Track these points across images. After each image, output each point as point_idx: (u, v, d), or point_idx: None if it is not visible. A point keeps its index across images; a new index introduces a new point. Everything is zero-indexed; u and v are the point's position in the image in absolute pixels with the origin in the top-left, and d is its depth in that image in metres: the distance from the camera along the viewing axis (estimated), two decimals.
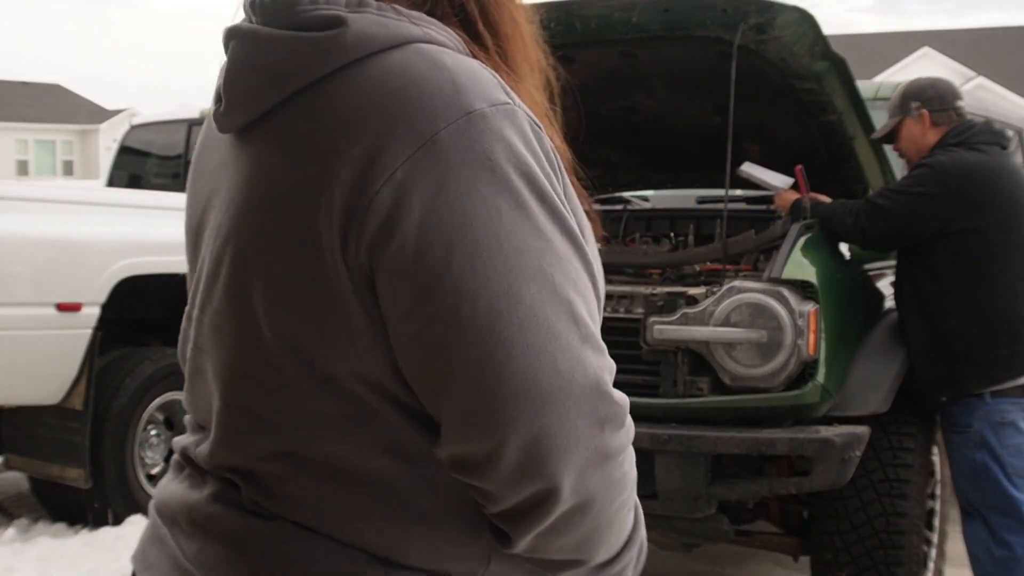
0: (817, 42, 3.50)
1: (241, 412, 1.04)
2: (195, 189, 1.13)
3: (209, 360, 1.07)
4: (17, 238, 4.81)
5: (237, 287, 1.02)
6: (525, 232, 0.92)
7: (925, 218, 3.44)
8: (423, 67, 0.94)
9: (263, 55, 0.98)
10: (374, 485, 1.00)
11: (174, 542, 1.09)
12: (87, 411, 4.92)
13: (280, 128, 0.98)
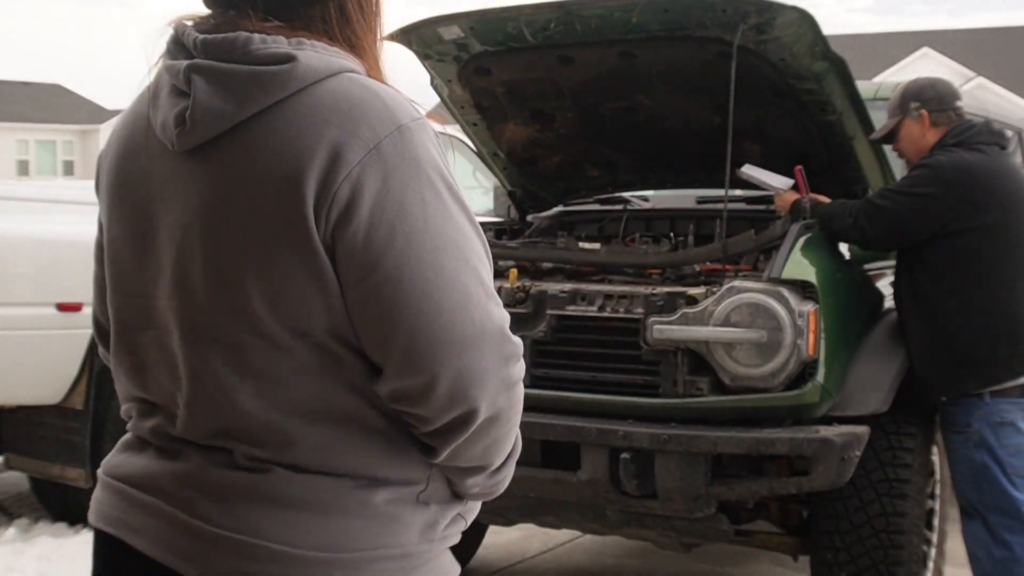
0: (817, 42, 3.51)
1: (229, 380, 1.26)
2: (124, 196, 1.35)
3: (182, 340, 1.28)
4: (18, 238, 4.82)
5: (225, 273, 1.24)
6: (444, 218, 1.24)
7: (925, 218, 3.44)
8: (358, 91, 1.24)
9: (226, 86, 1.23)
10: (347, 420, 1.27)
11: (175, 507, 1.28)
12: (87, 411, 4.92)
13: (244, 142, 1.23)
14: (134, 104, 1.39)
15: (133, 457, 1.38)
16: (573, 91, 4.15)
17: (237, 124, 1.24)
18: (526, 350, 3.59)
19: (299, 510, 1.26)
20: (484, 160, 4.78)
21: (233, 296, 1.25)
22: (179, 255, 1.28)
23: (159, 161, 1.31)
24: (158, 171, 1.31)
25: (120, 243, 1.36)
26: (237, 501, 1.26)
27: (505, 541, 5.07)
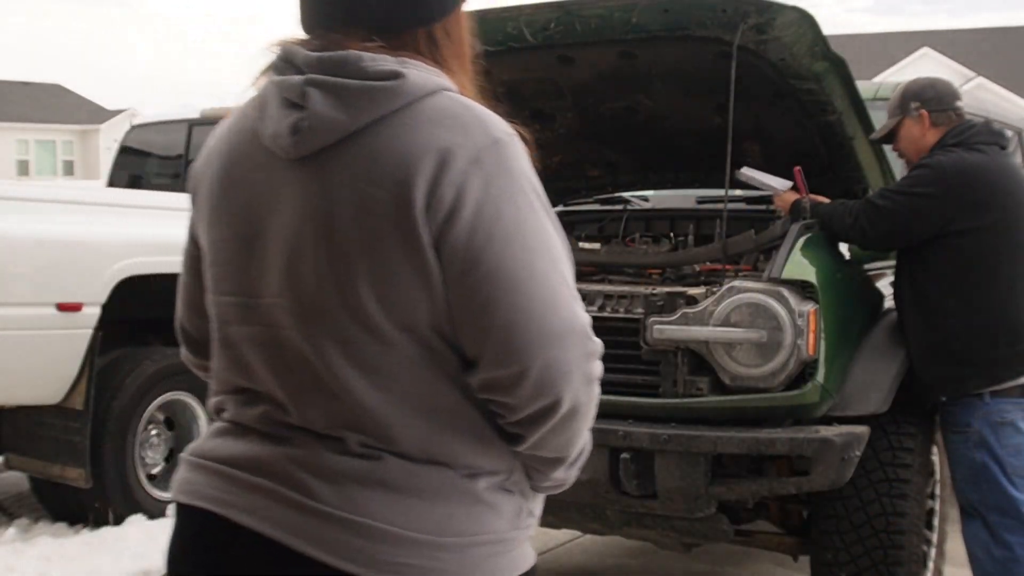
0: (817, 42, 3.51)
1: (344, 373, 1.36)
2: (229, 203, 1.45)
3: (295, 335, 1.38)
4: (18, 238, 4.81)
5: (338, 272, 1.35)
6: (534, 223, 1.36)
7: (925, 218, 3.44)
8: (458, 107, 1.37)
9: (340, 99, 1.35)
10: (447, 412, 1.38)
11: (288, 488, 1.37)
12: (88, 411, 4.92)
13: (356, 151, 1.35)
14: (235, 119, 1.52)
15: (233, 442, 1.45)
16: (573, 91, 4.15)
17: (348, 134, 1.35)
18: None
19: (408, 495, 1.36)
20: None
21: (345, 294, 1.35)
22: (290, 256, 1.38)
23: (266, 170, 1.42)
24: (265, 179, 1.42)
25: (223, 246, 1.46)
26: (350, 484, 1.36)
27: None
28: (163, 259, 5.34)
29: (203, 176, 1.51)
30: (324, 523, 1.35)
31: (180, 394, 5.41)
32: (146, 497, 5.22)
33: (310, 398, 1.39)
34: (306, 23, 1.45)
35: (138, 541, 4.83)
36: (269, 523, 1.37)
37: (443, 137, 1.33)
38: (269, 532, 1.37)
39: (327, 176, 1.36)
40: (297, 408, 1.40)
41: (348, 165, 1.35)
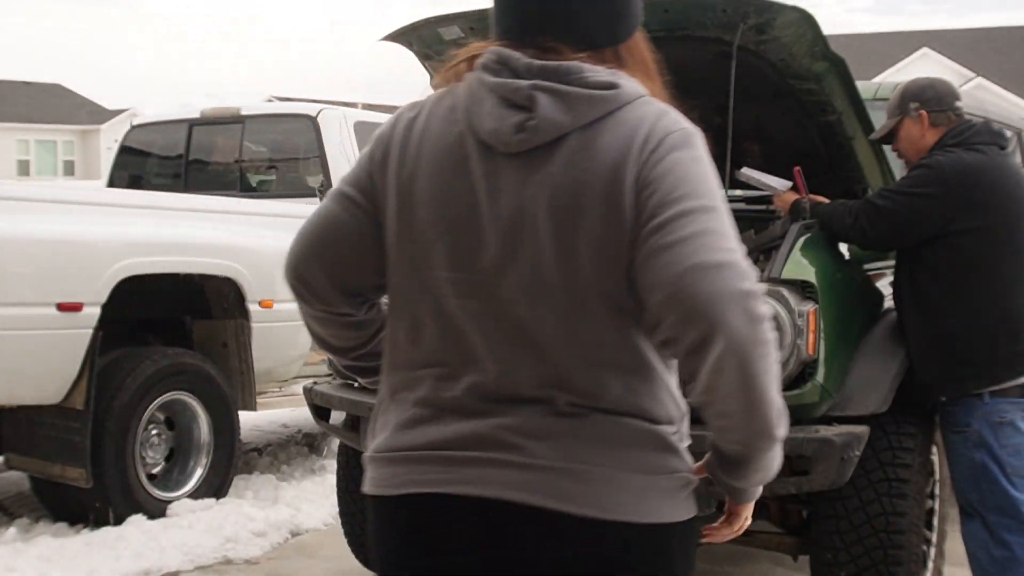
0: (817, 42, 3.51)
1: (555, 338, 1.57)
2: (433, 188, 1.62)
3: (509, 307, 1.58)
4: (18, 238, 4.82)
5: (561, 245, 1.55)
6: (714, 198, 1.54)
7: (924, 218, 3.44)
8: (656, 109, 1.61)
9: (565, 103, 1.57)
10: (638, 368, 1.59)
11: (507, 453, 1.56)
12: (88, 411, 4.92)
13: (575, 144, 1.57)
14: (434, 108, 1.67)
15: (432, 427, 1.62)
16: None
17: (565, 133, 1.57)
18: None
19: (613, 445, 1.57)
20: None
21: (567, 265, 1.56)
22: (511, 234, 1.58)
23: (481, 160, 1.60)
24: (480, 168, 1.60)
25: (428, 226, 1.62)
26: (562, 440, 1.56)
27: None
28: (163, 259, 5.35)
29: (408, 161, 1.65)
30: (544, 475, 1.54)
31: (180, 394, 5.41)
32: (146, 497, 5.22)
33: (522, 362, 1.58)
34: (514, 30, 1.64)
35: (138, 541, 4.83)
36: (496, 487, 1.55)
37: (646, 131, 1.56)
38: (495, 495, 1.55)
39: (546, 167, 1.57)
40: (507, 373, 1.58)
41: (565, 156, 1.57)
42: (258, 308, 5.72)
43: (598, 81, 1.59)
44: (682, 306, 1.46)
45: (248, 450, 6.69)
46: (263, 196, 6.97)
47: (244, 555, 4.90)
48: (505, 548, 1.57)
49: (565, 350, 1.57)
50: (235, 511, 5.23)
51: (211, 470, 5.51)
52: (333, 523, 5.19)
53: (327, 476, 6.02)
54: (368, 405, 3.77)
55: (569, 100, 1.58)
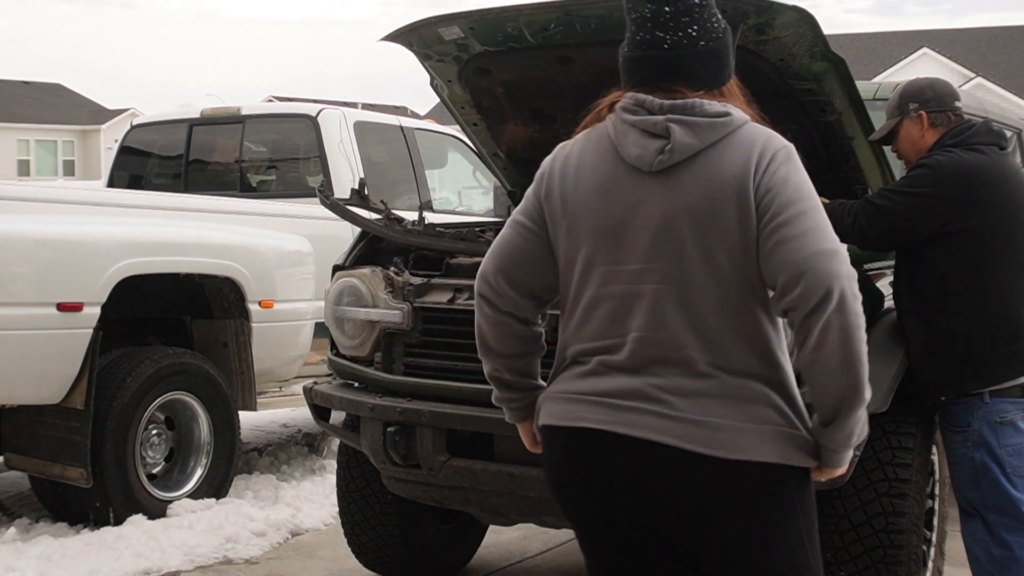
0: (816, 43, 3.51)
1: (698, 313, 2.08)
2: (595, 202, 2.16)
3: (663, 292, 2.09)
4: (18, 238, 4.82)
5: (703, 241, 2.07)
6: (810, 190, 2.09)
7: (924, 218, 3.44)
8: (759, 130, 2.14)
9: (693, 130, 2.10)
10: (757, 338, 2.11)
11: (658, 406, 2.07)
12: (88, 410, 4.93)
13: (703, 162, 2.09)
14: (587, 146, 2.23)
15: (601, 379, 2.14)
16: (573, 91, 4.15)
17: (695, 153, 2.09)
18: None
19: (739, 401, 2.07)
20: (484, 160, 4.78)
21: (705, 255, 2.07)
22: (658, 234, 2.10)
23: (630, 180, 2.14)
24: (630, 186, 2.14)
25: (596, 233, 2.16)
26: (698, 397, 2.07)
27: (505, 541, 5.08)
28: (163, 259, 5.35)
29: (569, 187, 2.20)
30: (683, 424, 2.05)
31: (180, 394, 5.42)
32: (146, 497, 5.22)
33: (668, 334, 2.08)
34: (646, 79, 2.18)
35: (138, 541, 4.83)
36: (650, 431, 2.06)
37: (759, 147, 2.09)
38: (645, 436, 2.06)
39: (683, 180, 2.09)
40: (657, 343, 2.09)
41: (698, 171, 2.09)
42: (258, 308, 5.72)
43: (715, 111, 2.11)
44: (806, 279, 1.98)
45: (248, 450, 6.69)
46: (263, 196, 6.97)
47: (244, 555, 4.90)
48: (652, 480, 2.09)
49: (701, 323, 2.08)
50: (235, 511, 5.23)
51: (211, 470, 5.52)
52: (333, 523, 5.20)
53: (327, 476, 6.03)
54: (368, 405, 3.78)
55: (695, 127, 2.10)
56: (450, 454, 3.69)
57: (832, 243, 2.03)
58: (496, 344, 2.32)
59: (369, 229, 4.02)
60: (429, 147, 7.54)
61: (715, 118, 2.10)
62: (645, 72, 2.18)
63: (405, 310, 3.76)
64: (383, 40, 4.14)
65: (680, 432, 2.05)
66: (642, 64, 2.19)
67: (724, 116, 2.11)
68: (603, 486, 2.14)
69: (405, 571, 4.47)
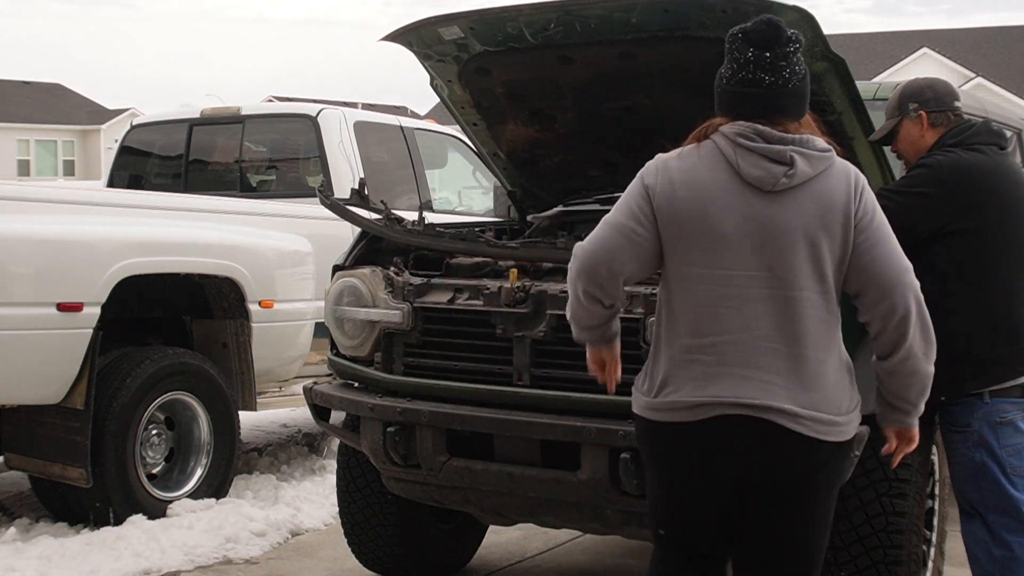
0: (816, 42, 3.51)
1: (805, 314, 2.57)
2: (715, 214, 2.57)
3: (770, 292, 2.56)
4: (18, 238, 4.82)
5: (814, 252, 2.55)
6: (883, 213, 2.66)
7: (923, 218, 3.44)
8: (848, 164, 2.65)
9: (810, 160, 2.58)
10: (830, 327, 2.67)
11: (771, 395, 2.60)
12: (88, 411, 4.93)
13: (813, 186, 2.57)
14: (696, 165, 2.61)
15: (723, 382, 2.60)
16: (573, 91, 4.15)
17: (809, 179, 2.57)
18: (526, 350, 3.59)
19: (829, 386, 2.64)
20: (484, 160, 4.78)
21: (815, 265, 2.55)
22: (765, 244, 2.54)
23: (741, 195, 2.56)
24: (741, 202, 2.56)
25: (704, 236, 2.57)
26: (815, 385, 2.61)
27: (505, 541, 5.08)
28: (163, 259, 5.35)
29: (681, 196, 2.59)
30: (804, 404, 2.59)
31: (180, 394, 5.42)
32: (146, 497, 5.22)
33: (782, 332, 2.56)
34: (754, 113, 2.60)
35: (138, 541, 4.83)
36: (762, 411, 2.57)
37: (852, 176, 2.62)
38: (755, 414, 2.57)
39: (798, 201, 2.56)
40: (759, 338, 2.56)
41: (810, 194, 2.56)
42: (258, 308, 5.72)
43: (822, 147, 2.60)
44: (898, 291, 2.59)
45: (248, 450, 6.69)
46: (263, 196, 6.96)
47: (244, 555, 4.90)
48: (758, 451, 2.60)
49: (809, 321, 2.56)
50: (235, 511, 5.23)
51: (211, 470, 5.52)
52: (333, 523, 5.20)
53: (327, 476, 6.03)
54: (368, 405, 3.78)
55: (811, 158, 2.58)
56: (450, 454, 3.69)
57: (907, 261, 2.60)
58: (587, 318, 2.76)
59: (369, 229, 4.02)
60: (429, 147, 7.54)
61: (823, 152, 2.59)
62: (748, 107, 2.61)
63: (405, 310, 3.76)
64: (383, 40, 4.14)
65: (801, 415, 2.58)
66: (746, 99, 2.61)
67: (828, 151, 2.60)
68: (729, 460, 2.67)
69: (405, 571, 4.47)
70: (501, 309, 3.60)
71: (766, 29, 2.57)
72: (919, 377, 2.69)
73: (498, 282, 3.67)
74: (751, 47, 2.58)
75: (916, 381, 2.69)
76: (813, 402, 2.58)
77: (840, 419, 2.62)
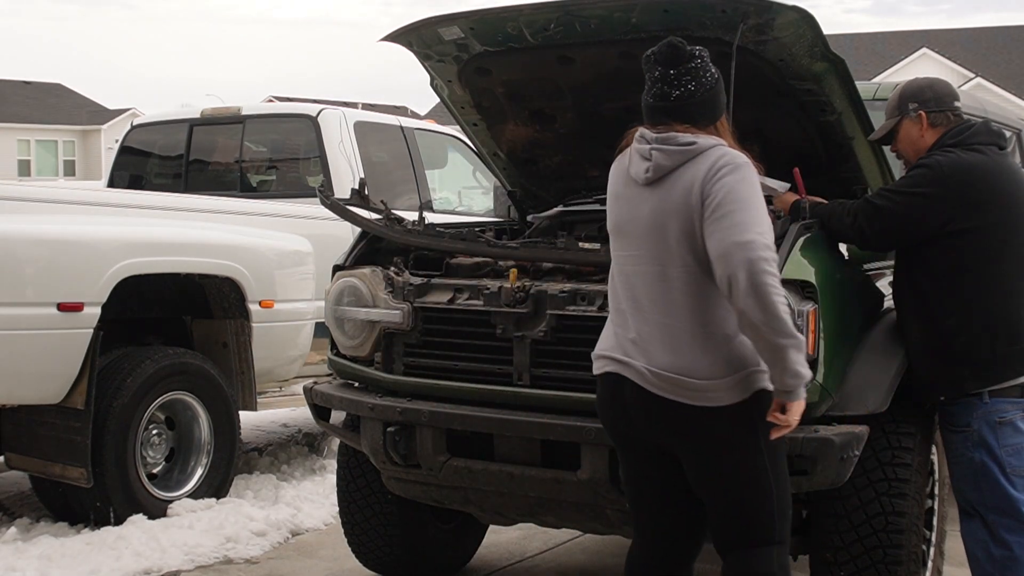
0: (816, 43, 3.51)
1: (678, 287, 2.83)
2: (620, 204, 3.01)
3: (652, 269, 2.88)
4: (18, 238, 4.82)
5: (670, 233, 2.83)
6: (747, 194, 2.79)
7: (923, 218, 3.44)
8: (721, 152, 2.87)
9: (667, 155, 2.88)
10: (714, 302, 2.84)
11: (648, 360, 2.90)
12: (88, 410, 4.93)
13: (673, 180, 2.86)
14: (618, 163, 3.06)
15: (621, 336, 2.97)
16: (573, 91, 4.15)
17: (669, 171, 2.86)
18: (526, 350, 3.58)
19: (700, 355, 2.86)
20: (484, 160, 4.78)
21: (688, 245, 2.80)
22: (650, 230, 2.88)
23: (633, 190, 2.95)
24: (635, 194, 2.94)
25: (616, 227, 3.00)
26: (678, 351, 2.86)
27: (505, 541, 5.08)
28: (163, 259, 5.35)
29: (608, 196, 3.07)
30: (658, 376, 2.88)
31: (180, 394, 5.42)
32: (147, 496, 5.22)
33: (656, 300, 2.86)
34: (658, 120, 2.92)
35: (139, 541, 4.83)
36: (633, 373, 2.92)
37: (711, 161, 2.81)
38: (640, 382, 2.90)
39: (667, 191, 2.85)
40: (649, 306, 2.88)
41: (678, 183, 2.83)
42: (258, 308, 5.72)
43: (685, 141, 2.86)
44: (725, 262, 2.71)
45: (248, 450, 6.69)
46: (263, 196, 6.97)
47: (244, 555, 4.90)
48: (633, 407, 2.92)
49: (679, 293, 2.83)
50: (235, 511, 5.23)
51: (211, 470, 5.52)
52: (333, 523, 5.20)
53: (327, 476, 6.03)
54: (368, 405, 3.78)
55: (670, 153, 2.86)
56: (450, 454, 3.69)
57: (745, 236, 2.69)
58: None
59: (369, 229, 4.02)
60: (429, 147, 7.55)
61: (684, 146, 2.85)
62: (658, 116, 2.93)
63: (405, 310, 3.76)
64: (383, 40, 4.15)
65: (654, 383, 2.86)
66: (655, 111, 2.93)
67: (691, 144, 2.85)
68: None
69: (405, 571, 4.48)
70: (501, 309, 3.60)
71: (668, 50, 2.89)
72: (771, 350, 2.72)
73: (498, 282, 3.68)
74: (658, 66, 2.91)
75: (769, 354, 2.74)
76: (671, 365, 2.82)
77: (702, 383, 2.79)
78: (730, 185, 2.75)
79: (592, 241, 3.78)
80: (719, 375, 2.80)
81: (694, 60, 2.89)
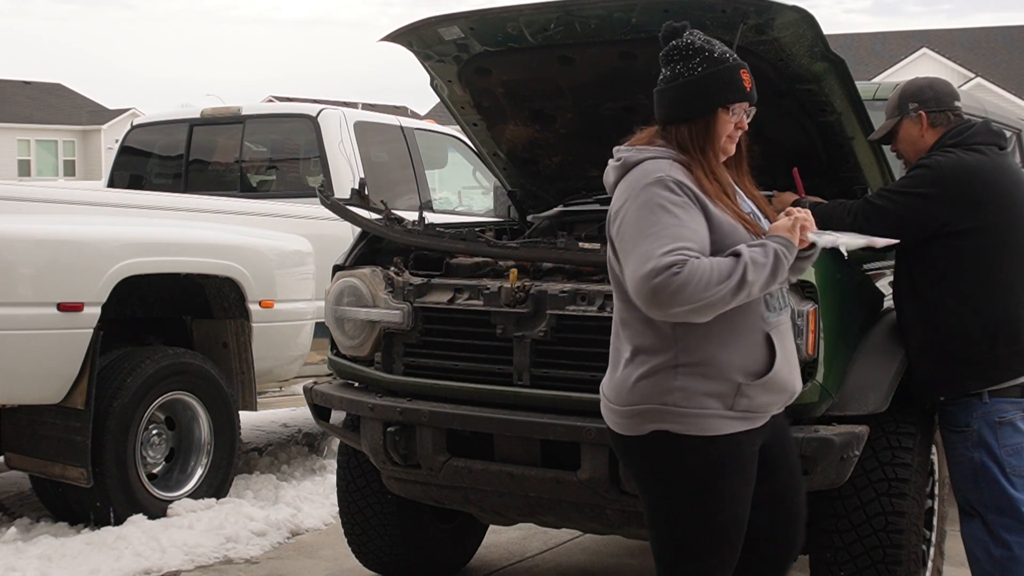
0: (816, 43, 3.51)
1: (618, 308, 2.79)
2: None
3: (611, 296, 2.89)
4: (19, 238, 4.82)
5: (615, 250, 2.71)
6: (639, 217, 2.60)
7: (923, 218, 3.44)
8: (639, 171, 2.68)
9: (611, 170, 2.78)
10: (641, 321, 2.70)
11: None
12: (88, 410, 4.93)
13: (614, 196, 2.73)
14: None
15: None
16: (573, 91, 4.15)
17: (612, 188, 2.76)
18: (526, 350, 3.58)
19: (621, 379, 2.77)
20: (484, 160, 4.79)
21: (613, 261, 2.74)
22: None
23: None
24: None
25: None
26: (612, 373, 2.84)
27: (505, 541, 5.08)
28: (163, 259, 5.35)
29: None
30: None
31: (180, 394, 5.42)
32: (147, 497, 5.22)
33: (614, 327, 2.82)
34: None
35: (139, 541, 4.83)
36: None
37: (623, 190, 2.69)
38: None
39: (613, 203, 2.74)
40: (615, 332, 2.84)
41: (615, 199, 2.72)
42: (258, 308, 5.72)
43: (621, 157, 2.75)
44: (638, 300, 2.58)
45: (248, 450, 6.70)
46: (263, 196, 6.97)
47: (244, 555, 4.90)
48: None
49: (616, 312, 2.78)
50: (235, 511, 5.23)
51: (211, 470, 5.52)
52: (333, 523, 5.20)
53: (327, 476, 6.03)
54: (368, 405, 3.79)
55: (611, 169, 2.78)
56: (450, 454, 3.69)
57: (640, 270, 2.50)
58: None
59: (369, 229, 4.03)
60: (429, 147, 7.55)
61: (616, 161, 2.76)
62: None
63: (405, 310, 3.76)
64: (383, 40, 4.15)
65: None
66: None
67: (618, 161, 2.75)
68: None
69: (405, 571, 4.48)
70: (501, 309, 3.60)
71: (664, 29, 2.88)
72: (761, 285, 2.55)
73: (498, 282, 3.68)
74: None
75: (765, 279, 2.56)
76: (606, 385, 2.80)
77: (617, 407, 2.73)
78: (624, 215, 2.61)
79: (592, 241, 3.78)
80: (620, 402, 2.72)
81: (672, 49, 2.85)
